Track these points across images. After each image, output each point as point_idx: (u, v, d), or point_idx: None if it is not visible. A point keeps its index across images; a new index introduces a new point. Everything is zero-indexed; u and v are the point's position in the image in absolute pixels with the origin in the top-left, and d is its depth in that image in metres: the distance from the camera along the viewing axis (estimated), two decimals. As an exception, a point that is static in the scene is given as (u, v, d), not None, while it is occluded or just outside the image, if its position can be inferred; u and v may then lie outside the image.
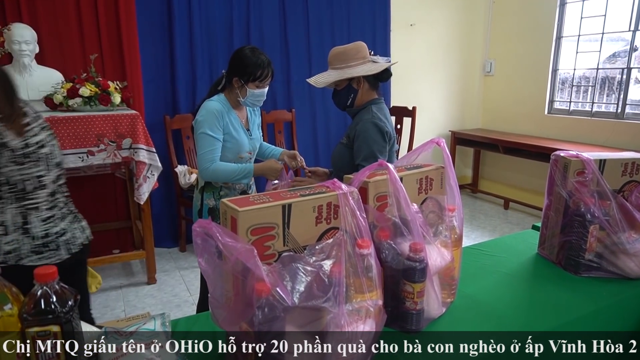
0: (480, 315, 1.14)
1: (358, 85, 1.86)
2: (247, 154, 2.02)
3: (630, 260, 1.28)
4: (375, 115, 1.85)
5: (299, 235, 0.90)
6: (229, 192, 2.02)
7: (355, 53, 1.84)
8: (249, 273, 0.80)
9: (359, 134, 1.83)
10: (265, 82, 1.93)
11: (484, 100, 5.31)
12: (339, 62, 1.84)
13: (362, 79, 1.85)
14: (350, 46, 1.86)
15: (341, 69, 1.83)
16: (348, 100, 1.88)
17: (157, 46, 3.51)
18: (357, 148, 1.82)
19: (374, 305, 0.88)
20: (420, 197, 1.13)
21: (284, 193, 0.92)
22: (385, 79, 1.91)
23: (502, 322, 1.11)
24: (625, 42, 4.03)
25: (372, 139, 1.80)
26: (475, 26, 5.08)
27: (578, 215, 1.31)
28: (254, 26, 3.81)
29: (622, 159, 1.34)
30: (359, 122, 1.85)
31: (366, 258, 0.89)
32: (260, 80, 1.91)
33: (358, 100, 1.88)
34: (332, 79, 1.84)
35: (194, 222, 0.81)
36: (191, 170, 3.46)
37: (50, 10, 3.03)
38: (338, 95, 1.90)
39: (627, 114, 4.03)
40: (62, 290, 0.71)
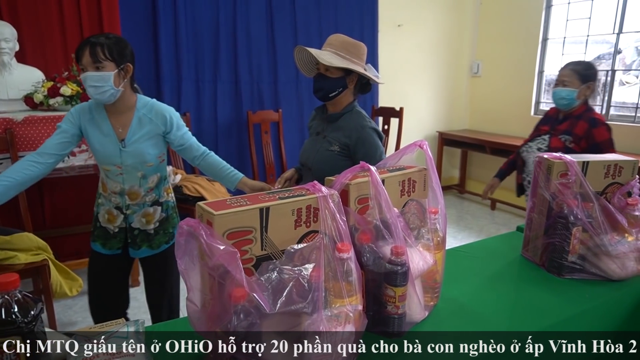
0: (463, 318, 1.13)
1: (350, 83, 1.80)
2: (114, 167, 1.73)
3: (612, 262, 1.28)
4: (370, 120, 1.83)
5: (278, 239, 0.87)
6: (104, 202, 1.83)
7: (362, 52, 1.79)
8: (229, 277, 0.78)
9: (362, 141, 1.76)
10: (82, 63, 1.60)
11: (471, 101, 5.33)
12: (347, 52, 1.75)
13: (355, 79, 1.80)
14: (360, 43, 1.80)
15: (348, 60, 1.75)
16: (334, 92, 1.78)
17: (142, 46, 3.45)
18: (364, 156, 1.71)
19: (354, 310, 0.86)
20: (402, 199, 1.12)
21: (262, 196, 0.89)
22: (367, 90, 1.90)
23: (485, 325, 1.10)
24: (609, 45, 4.08)
25: (376, 146, 1.78)
26: (462, 27, 5.10)
27: (561, 217, 1.31)
28: (241, 26, 3.77)
29: (604, 161, 1.35)
30: (355, 127, 1.78)
31: (346, 262, 0.87)
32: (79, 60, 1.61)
33: (342, 98, 1.82)
34: (338, 63, 1.72)
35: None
36: (176, 171, 3.42)
37: (30, 7, 2.96)
38: (327, 81, 1.77)
39: (612, 116, 4.07)
40: (25, 299, 0.68)
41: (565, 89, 2.19)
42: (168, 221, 1.88)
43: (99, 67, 1.59)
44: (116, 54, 1.62)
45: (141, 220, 1.83)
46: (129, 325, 0.86)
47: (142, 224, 1.83)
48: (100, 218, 1.85)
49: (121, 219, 1.82)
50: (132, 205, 1.80)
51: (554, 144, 2.20)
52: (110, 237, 1.85)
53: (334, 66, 1.73)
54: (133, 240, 1.85)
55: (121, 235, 1.84)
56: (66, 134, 1.70)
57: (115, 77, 1.61)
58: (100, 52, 1.59)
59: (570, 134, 2.18)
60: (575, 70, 2.20)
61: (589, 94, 2.21)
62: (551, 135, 2.26)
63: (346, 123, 1.81)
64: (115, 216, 1.82)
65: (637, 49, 3.97)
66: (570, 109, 2.23)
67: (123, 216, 1.82)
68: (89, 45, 1.60)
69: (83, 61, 1.60)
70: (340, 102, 1.83)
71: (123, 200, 1.79)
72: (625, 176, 1.35)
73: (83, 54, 1.60)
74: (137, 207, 1.81)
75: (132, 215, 1.81)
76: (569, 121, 2.22)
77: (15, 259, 2.19)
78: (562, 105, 2.23)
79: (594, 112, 2.25)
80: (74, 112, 1.74)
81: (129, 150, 1.71)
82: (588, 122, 2.16)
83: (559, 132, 2.23)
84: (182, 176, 3.43)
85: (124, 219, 1.82)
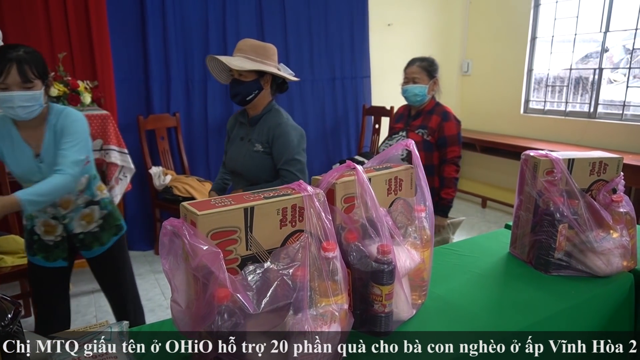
0: (451, 316, 1.13)
1: (265, 84, 1.84)
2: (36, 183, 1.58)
3: (598, 258, 1.29)
4: (288, 117, 1.88)
5: (263, 239, 0.87)
6: (38, 214, 1.72)
7: (272, 53, 1.85)
8: (212, 277, 0.77)
9: (278, 137, 1.82)
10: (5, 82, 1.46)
11: (461, 99, 5.35)
12: (257, 55, 1.80)
13: (269, 80, 1.84)
14: (269, 45, 1.85)
15: (259, 62, 1.80)
16: (251, 95, 1.83)
17: (130, 45, 3.43)
18: (278, 152, 1.82)
19: (340, 309, 0.86)
20: (389, 198, 1.12)
21: (247, 196, 0.89)
22: (285, 89, 1.93)
23: (472, 323, 1.10)
24: (597, 43, 4.11)
25: (289, 141, 1.83)
26: (452, 26, 5.12)
27: (547, 214, 1.31)
28: (230, 26, 3.75)
29: (590, 158, 1.35)
30: (272, 126, 1.84)
31: (331, 261, 0.87)
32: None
33: (259, 100, 1.87)
34: (250, 66, 1.78)
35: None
36: (166, 172, 3.40)
37: (16, 5, 2.93)
38: (242, 85, 1.82)
39: (599, 114, 4.11)
40: (1, 302, 0.67)
41: (418, 86, 2.26)
42: (111, 216, 1.85)
43: (29, 87, 1.50)
44: (42, 70, 1.54)
45: (81, 223, 1.76)
46: (113, 327, 0.85)
47: (84, 226, 1.77)
48: (37, 231, 1.74)
49: (61, 228, 1.75)
50: (67, 214, 1.73)
51: (412, 138, 2.22)
52: (52, 248, 1.77)
53: (245, 70, 1.78)
54: (82, 245, 1.80)
55: (64, 245, 1.78)
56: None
57: (43, 94, 1.55)
58: (29, 70, 1.49)
59: (426, 127, 2.26)
60: (422, 66, 2.27)
61: (436, 88, 2.30)
62: (408, 131, 2.31)
63: (266, 122, 1.87)
64: (54, 226, 1.74)
65: (625, 47, 4.01)
66: (421, 104, 2.30)
67: (62, 225, 1.75)
68: (14, 63, 1.46)
69: (8, 80, 1.46)
70: (258, 104, 1.89)
71: (58, 211, 1.72)
72: (610, 173, 1.36)
73: (8, 73, 1.45)
74: (74, 213, 1.74)
75: (70, 223, 1.75)
76: (422, 116, 2.30)
77: (1, 262, 2.17)
78: (415, 102, 2.30)
79: (444, 106, 2.34)
80: None
81: (47, 165, 1.61)
82: (440, 116, 2.26)
83: (414, 127, 2.29)
84: (172, 177, 3.41)
85: (64, 228, 1.75)
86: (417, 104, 2.31)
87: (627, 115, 3.91)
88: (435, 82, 2.29)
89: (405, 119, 2.38)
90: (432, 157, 2.29)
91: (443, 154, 2.27)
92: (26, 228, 1.77)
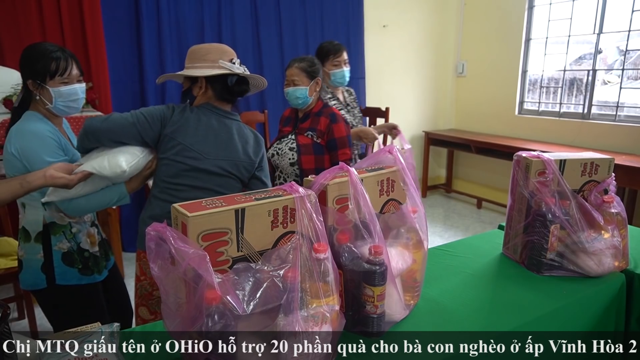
0: (443, 317, 1.14)
1: (198, 91, 1.61)
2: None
3: (589, 258, 1.30)
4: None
5: (254, 241, 0.87)
6: (80, 227, 1.62)
7: (204, 54, 1.59)
8: (201, 280, 0.77)
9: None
10: (69, 76, 1.50)
11: (456, 101, 5.37)
12: (187, 61, 1.63)
13: (204, 85, 1.60)
14: (203, 46, 1.64)
15: (187, 68, 1.62)
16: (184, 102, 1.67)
17: (125, 46, 3.42)
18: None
19: (331, 310, 0.86)
20: (381, 199, 1.12)
21: (238, 197, 0.89)
22: (239, 92, 1.66)
23: (464, 323, 1.11)
24: (590, 45, 4.13)
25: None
26: (447, 28, 5.14)
27: (539, 215, 1.32)
28: (226, 27, 3.75)
29: (581, 159, 1.36)
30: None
31: (323, 262, 0.87)
32: (60, 74, 1.49)
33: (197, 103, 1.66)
34: (171, 76, 1.69)
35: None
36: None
37: (9, 7, 2.92)
38: (182, 96, 1.69)
39: (593, 115, 4.13)
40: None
41: (298, 88, 2.12)
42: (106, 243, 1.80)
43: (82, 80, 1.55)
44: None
45: (87, 241, 1.64)
46: (104, 328, 0.85)
47: (88, 245, 1.64)
48: (85, 246, 1.62)
49: (97, 233, 1.70)
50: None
51: (301, 141, 2.14)
52: (100, 259, 1.68)
53: (175, 80, 1.71)
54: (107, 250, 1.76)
55: (103, 250, 1.72)
56: None
57: None
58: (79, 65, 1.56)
59: (315, 130, 2.14)
60: (300, 67, 2.14)
61: (318, 89, 2.18)
62: (297, 134, 2.17)
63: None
64: (93, 234, 1.67)
65: (619, 48, 4.04)
66: (307, 106, 2.19)
67: (97, 229, 1.70)
68: (72, 58, 1.52)
69: (71, 75, 1.51)
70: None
71: (94, 216, 1.70)
72: (601, 174, 1.37)
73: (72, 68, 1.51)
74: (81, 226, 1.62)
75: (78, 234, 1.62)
76: (310, 119, 2.18)
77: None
78: (298, 105, 2.18)
79: (332, 107, 2.24)
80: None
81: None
82: (329, 118, 2.14)
83: (303, 130, 2.17)
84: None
85: (98, 231, 1.71)
86: (301, 107, 2.19)
87: (621, 116, 3.93)
88: (318, 83, 2.15)
89: (293, 121, 2.26)
90: (323, 161, 2.16)
91: (334, 156, 2.16)
92: (71, 250, 1.57)
